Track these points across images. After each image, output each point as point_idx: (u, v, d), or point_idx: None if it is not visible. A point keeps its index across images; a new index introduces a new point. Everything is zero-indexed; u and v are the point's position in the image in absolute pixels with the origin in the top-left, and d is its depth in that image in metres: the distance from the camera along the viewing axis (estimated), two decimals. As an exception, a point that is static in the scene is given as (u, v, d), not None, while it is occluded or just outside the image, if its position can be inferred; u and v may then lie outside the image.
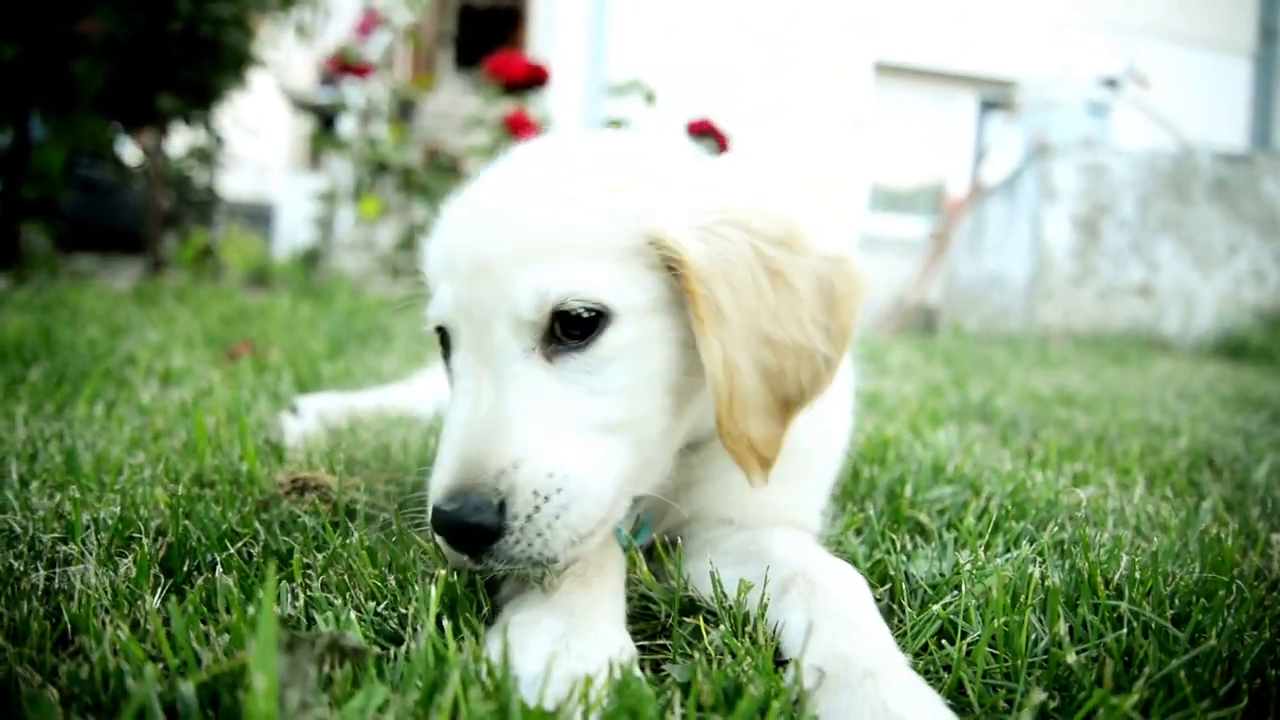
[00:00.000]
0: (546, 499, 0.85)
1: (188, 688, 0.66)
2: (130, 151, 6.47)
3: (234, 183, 7.40)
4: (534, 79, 5.74)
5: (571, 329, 0.90)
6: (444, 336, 1.02)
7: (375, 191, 6.58)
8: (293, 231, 10.40)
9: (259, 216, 13.87)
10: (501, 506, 0.84)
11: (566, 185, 0.94)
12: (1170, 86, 9.56)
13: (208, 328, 3.24)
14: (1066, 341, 5.45)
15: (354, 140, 6.42)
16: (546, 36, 10.58)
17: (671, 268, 0.91)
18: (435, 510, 0.86)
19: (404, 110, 7.56)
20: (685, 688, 0.76)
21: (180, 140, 6.52)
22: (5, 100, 4.52)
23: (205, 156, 6.54)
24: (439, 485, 0.87)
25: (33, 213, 4.74)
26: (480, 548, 0.85)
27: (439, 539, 0.89)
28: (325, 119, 13.32)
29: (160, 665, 0.76)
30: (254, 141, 7.25)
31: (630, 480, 0.94)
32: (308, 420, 1.77)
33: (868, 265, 1.02)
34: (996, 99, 11.27)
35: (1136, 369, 4.16)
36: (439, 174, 6.17)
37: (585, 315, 0.89)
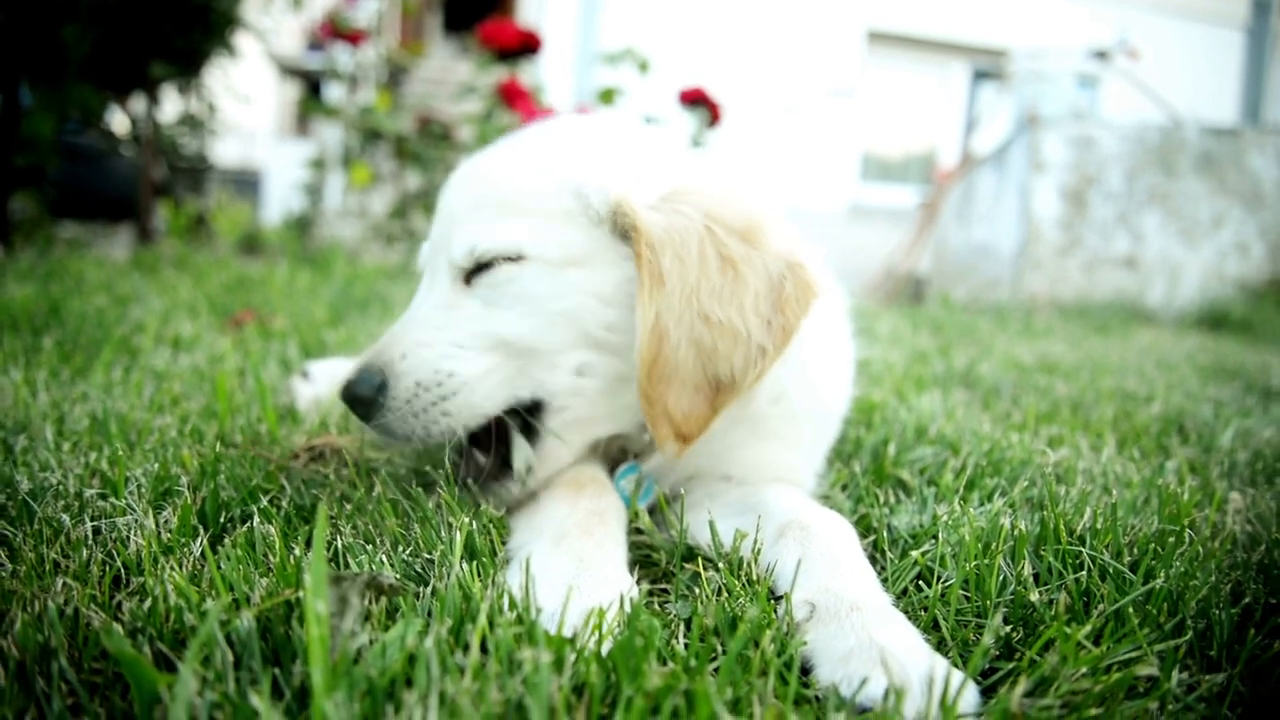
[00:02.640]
0: (426, 390, 1.04)
1: (247, 618, 0.74)
2: (118, 119, 6.42)
3: (221, 149, 7.36)
4: (526, 46, 5.73)
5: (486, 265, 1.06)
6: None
7: (366, 159, 6.57)
8: (281, 198, 10.36)
9: (246, 183, 13.78)
10: (383, 386, 1.04)
11: (532, 158, 1.09)
12: (1161, 59, 9.60)
13: (210, 295, 3.29)
14: (1052, 312, 5.54)
15: (344, 107, 6.40)
16: (537, 2, 10.49)
17: (628, 236, 1.02)
18: (346, 384, 1.08)
19: (394, 76, 7.53)
20: (688, 621, 0.85)
21: (170, 108, 6.48)
22: (-8, 67, 4.48)
23: (196, 124, 6.50)
24: (353, 368, 1.09)
25: (23, 181, 4.72)
26: (368, 416, 1.06)
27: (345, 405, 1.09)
28: (313, 85, 13.16)
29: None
30: (241, 108, 7.20)
31: (521, 391, 1.08)
32: (319, 385, 1.84)
33: (857, 235, 1.11)
34: (988, 68, 11.27)
35: (1119, 339, 4.26)
36: (431, 141, 6.17)
37: (490, 258, 1.05)
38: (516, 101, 5.68)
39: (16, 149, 4.59)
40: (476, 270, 1.07)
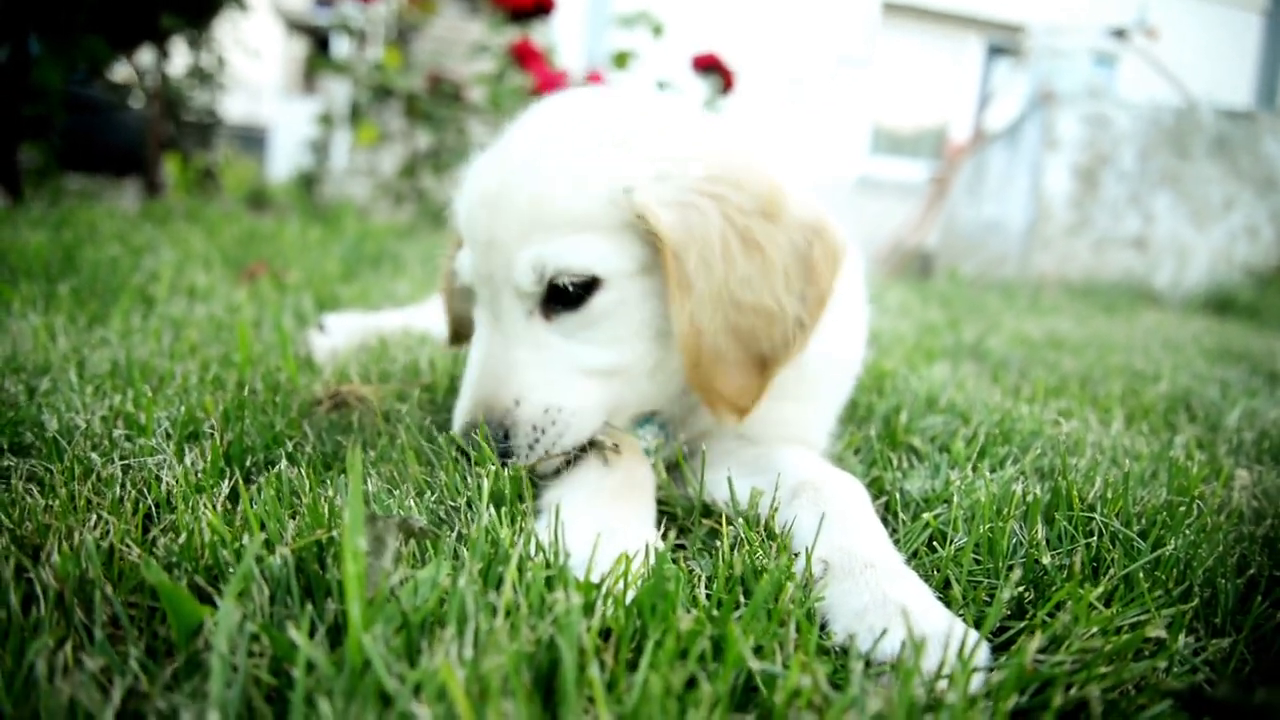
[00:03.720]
0: (543, 431, 1.04)
1: (282, 554, 0.76)
2: (124, 71, 6.36)
3: (228, 105, 7.28)
4: (540, 6, 5.66)
5: (566, 292, 1.04)
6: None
7: (375, 117, 6.52)
8: (288, 155, 10.28)
9: (253, 139, 13.67)
10: (506, 435, 1.04)
11: (565, 165, 1.03)
12: (1179, 40, 9.48)
13: (222, 248, 3.29)
14: (1060, 290, 5.54)
15: (353, 63, 6.34)
16: (551, -39, 10.33)
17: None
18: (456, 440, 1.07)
19: (403, 34, 7.44)
20: (709, 577, 0.87)
21: (178, 61, 6.41)
22: (1, 15, 4.43)
23: (205, 77, 6.43)
24: (458, 419, 1.09)
25: (31, 132, 4.69)
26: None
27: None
28: (320, 41, 13.01)
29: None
30: (249, 63, 7.12)
31: (623, 406, 1.11)
32: (336, 337, 1.86)
33: (866, 208, 1.12)
34: (1004, 44, 11.14)
35: (1125, 319, 4.26)
36: (443, 101, 6.12)
37: (575, 284, 1.03)
38: (529, 62, 5.63)
39: (25, 99, 4.55)
40: (551, 298, 1.05)
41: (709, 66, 5.87)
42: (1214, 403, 1.97)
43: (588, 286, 1.03)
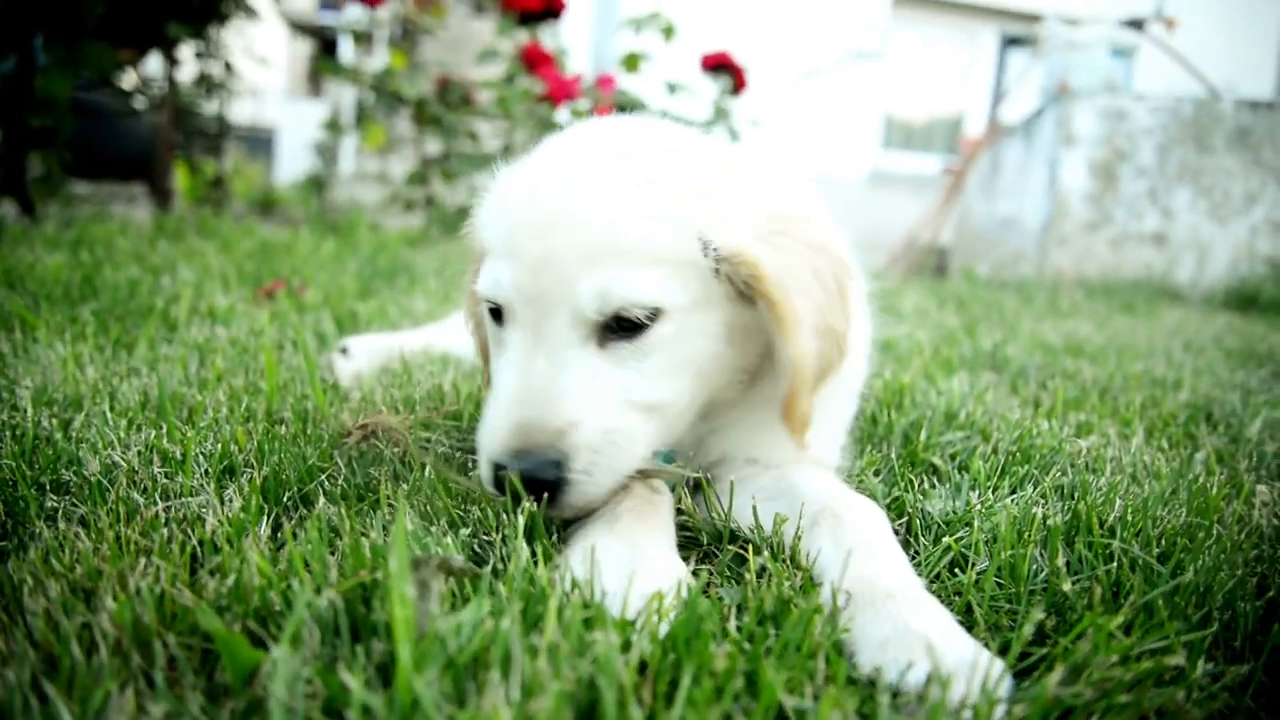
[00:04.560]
0: (598, 453, 1.02)
1: (330, 597, 0.79)
2: (130, 79, 6.41)
3: (233, 108, 7.31)
4: (550, 9, 5.68)
5: (627, 321, 1.04)
6: (494, 308, 1.14)
7: (383, 121, 6.55)
8: (293, 158, 10.34)
9: (258, 142, 13.73)
10: (559, 464, 1.00)
11: (633, 189, 1.05)
12: (1199, 29, 9.38)
13: (237, 263, 3.34)
14: (1078, 288, 5.51)
15: (359, 67, 6.36)
16: (560, -37, 10.35)
17: (719, 269, 1.06)
18: (497, 466, 1.01)
19: (409, 36, 7.46)
20: (739, 606, 0.90)
21: (186, 69, 6.47)
22: (6, 25, 4.45)
23: (214, 85, 6.48)
24: (499, 444, 1.02)
25: (38, 142, 4.70)
26: (552, 498, 1.01)
27: (493, 490, 1.05)
28: (326, 43, 13.07)
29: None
30: (254, 67, 7.15)
31: (656, 443, 1.13)
32: (359, 360, 1.89)
33: (879, 202, 1.20)
34: (1019, 34, 11.06)
35: (1145, 318, 4.25)
36: (451, 105, 6.15)
37: (641, 316, 1.03)
38: (539, 66, 5.65)
39: (32, 110, 4.56)
40: (608, 328, 1.04)
41: (720, 66, 5.88)
42: (1235, 412, 1.98)
43: (650, 317, 1.04)
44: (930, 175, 10.70)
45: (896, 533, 1.13)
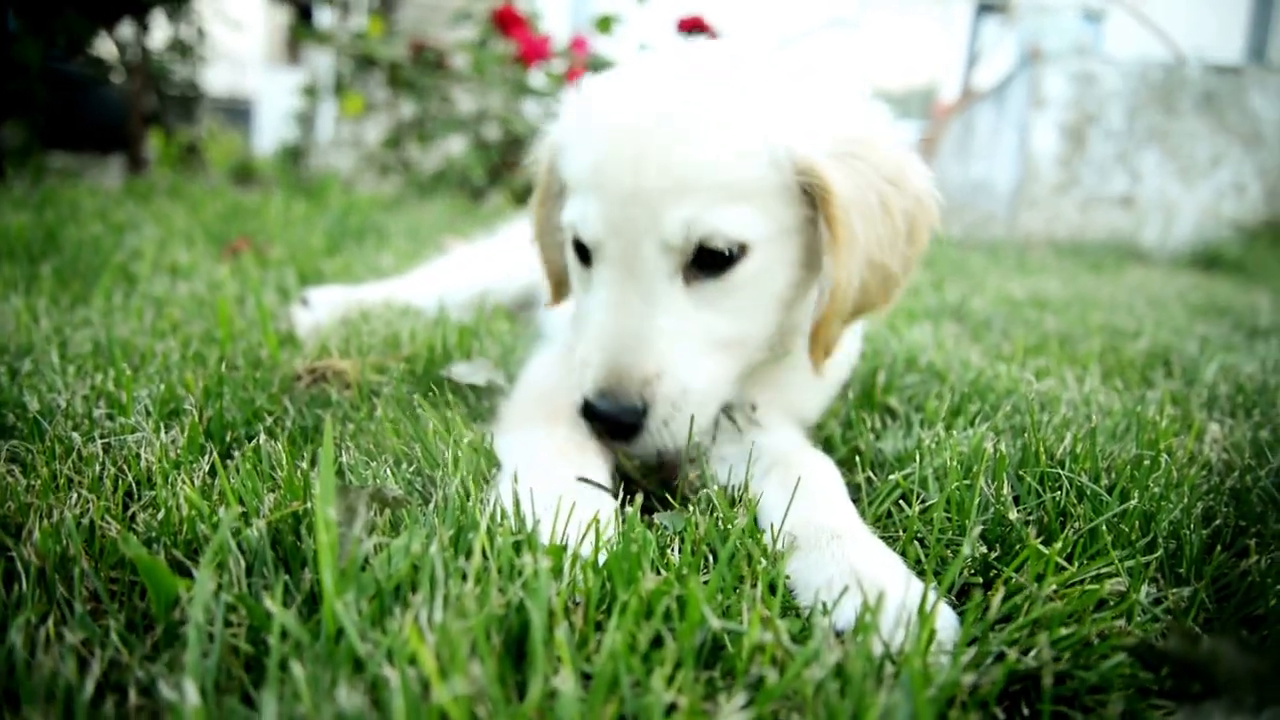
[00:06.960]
0: (678, 407, 1.02)
1: (258, 527, 0.77)
2: (105, 47, 6.24)
3: (211, 77, 7.15)
4: (522, -30, 5.57)
5: (712, 255, 1.01)
6: (579, 243, 1.10)
7: (359, 87, 6.43)
8: (273, 127, 10.15)
9: (237, 112, 13.50)
10: (643, 409, 1.01)
11: (724, 126, 0.99)
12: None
13: (205, 224, 3.27)
14: (1047, 249, 5.54)
15: (336, 33, 6.25)
16: (532, -76, 10.15)
17: (807, 192, 1.02)
18: (587, 402, 1.03)
19: (386, 1, 7.32)
20: (680, 535, 0.89)
21: (159, 34, 6.30)
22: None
23: (186, 50, 6.31)
24: (592, 381, 1.03)
25: (12, 109, 4.62)
26: (622, 437, 1.04)
27: (584, 421, 1.06)
28: (302, 10, 12.80)
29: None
30: (231, 35, 7.00)
31: (735, 380, 1.11)
32: (319, 311, 1.86)
33: None
34: (992, 2, 11.02)
35: (1112, 277, 4.27)
36: (425, 69, 6.05)
37: (727, 249, 1.01)
38: (512, 28, 5.55)
39: (5, 75, 4.48)
40: (695, 261, 1.02)
41: (694, 29, 5.79)
42: (1192, 358, 1.99)
43: (736, 252, 1.01)
44: (906, 142, 10.67)
45: (852, 473, 1.13)
